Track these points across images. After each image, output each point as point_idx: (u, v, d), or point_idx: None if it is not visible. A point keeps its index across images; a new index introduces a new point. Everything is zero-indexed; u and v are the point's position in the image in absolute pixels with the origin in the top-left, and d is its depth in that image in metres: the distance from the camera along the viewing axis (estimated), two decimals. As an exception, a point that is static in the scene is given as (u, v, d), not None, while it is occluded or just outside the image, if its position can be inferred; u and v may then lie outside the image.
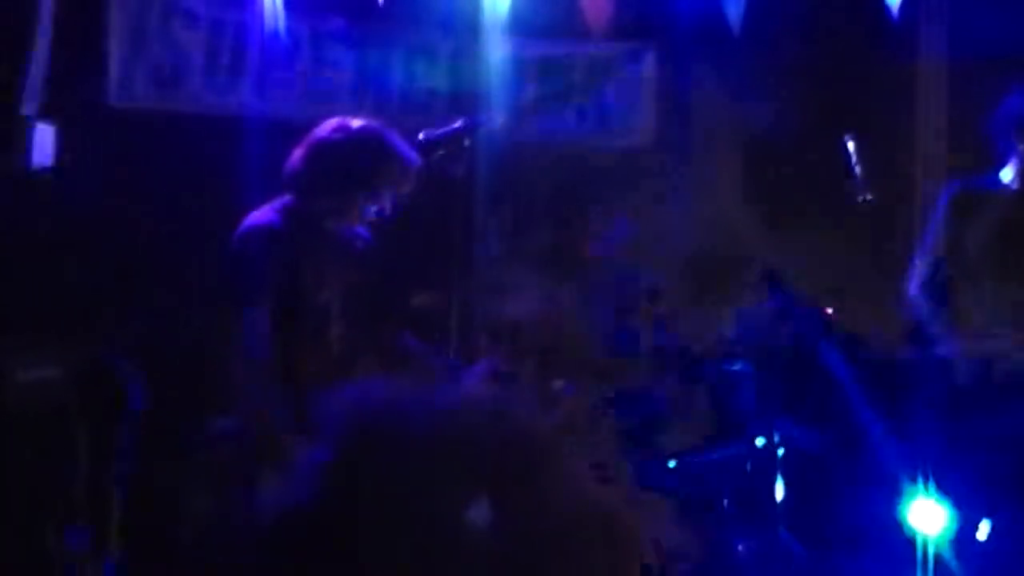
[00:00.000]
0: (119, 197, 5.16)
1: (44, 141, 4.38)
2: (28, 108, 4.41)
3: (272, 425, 3.55)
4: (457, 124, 3.68)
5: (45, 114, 4.49)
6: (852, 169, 4.17)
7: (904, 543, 4.17)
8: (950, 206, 4.19)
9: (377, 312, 3.85)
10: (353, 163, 3.68)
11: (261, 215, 3.72)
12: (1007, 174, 4.16)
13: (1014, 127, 4.10)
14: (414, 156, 3.73)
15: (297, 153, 3.78)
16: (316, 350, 3.68)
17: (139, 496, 3.94)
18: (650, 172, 5.92)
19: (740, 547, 4.24)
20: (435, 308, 3.81)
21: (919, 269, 4.23)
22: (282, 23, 5.56)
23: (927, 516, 4.09)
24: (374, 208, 3.76)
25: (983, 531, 3.99)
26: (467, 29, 5.47)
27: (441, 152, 3.81)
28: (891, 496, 4.31)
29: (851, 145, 4.16)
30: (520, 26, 5.52)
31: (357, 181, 3.70)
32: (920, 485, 4.10)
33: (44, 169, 4.39)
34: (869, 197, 4.18)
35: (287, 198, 3.77)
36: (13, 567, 3.78)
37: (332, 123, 3.78)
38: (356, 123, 3.76)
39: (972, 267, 4.12)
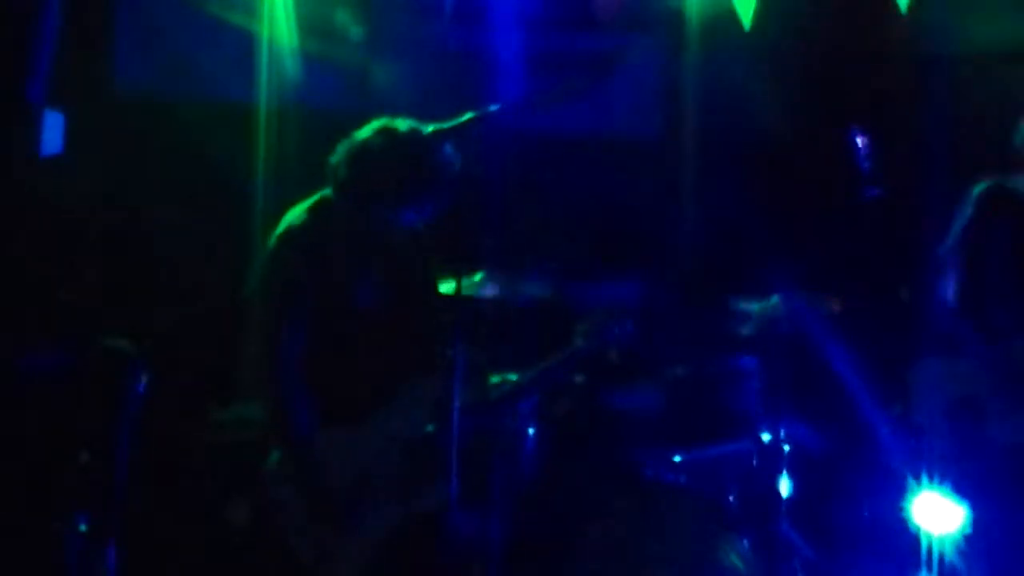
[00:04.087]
0: (126, 184, 5.18)
1: (52, 128, 4.39)
2: (36, 95, 4.41)
3: (294, 425, 3.57)
4: (465, 117, 3.66)
5: (53, 101, 4.50)
6: (860, 164, 4.15)
7: (910, 541, 4.16)
8: (979, 205, 4.15)
9: (418, 309, 3.84)
10: (395, 168, 3.67)
11: (297, 216, 3.72)
12: None
13: None
14: (458, 161, 3.72)
15: (340, 151, 3.76)
16: (349, 349, 3.69)
17: (143, 482, 3.96)
18: (656, 165, 5.93)
19: (745, 543, 4.23)
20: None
21: (951, 273, 4.18)
22: (290, 13, 5.57)
23: (933, 513, 4.09)
24: (415, 211, 3.75)
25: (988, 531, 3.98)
26: (475, 22, 5.47)
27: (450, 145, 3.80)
28: (897, 493, 4.30)
29: (860, 140, 4.15)
30: (527, 19, 5.52)
31: (399, 186, 3.69)
32: (926, 482, 4.09)
33: (52, 156, 4.40)
34: (876, 191, 4.17)
35: (326, 194, 3.77)
36: (18, 553, 3.79)
37: (378, 125, 3.76)
38: (402, 126, 3.74)
39: (992, 271, 4.09)
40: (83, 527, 3.64)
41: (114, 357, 3.91)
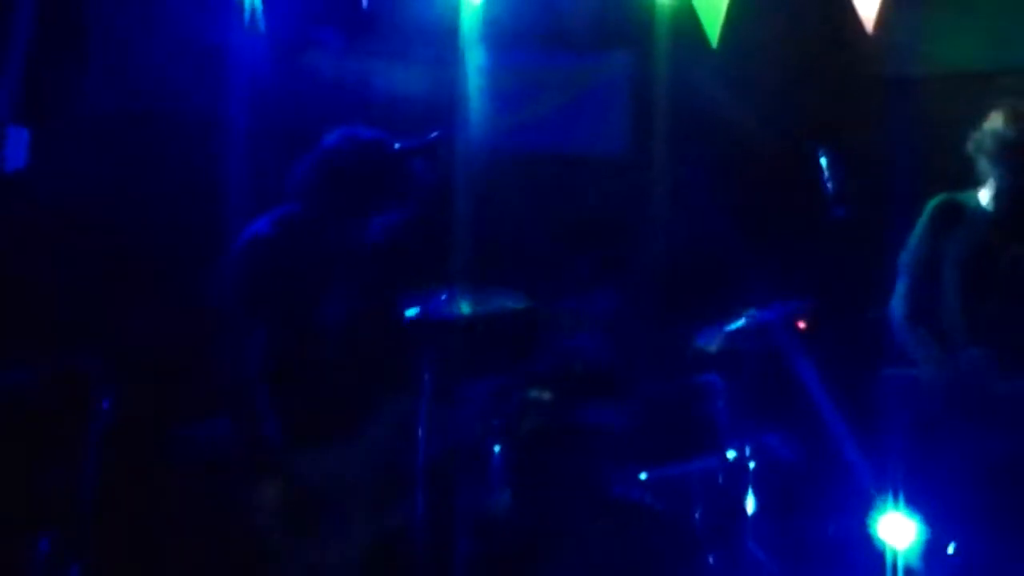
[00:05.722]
0: (94, 200, 5.15)
1: (17, 144, 4.37)
2: (1, 111, 4.40)
3: (261, 435, 3.56)
4: (433, 135, 3.68)
5: (19, 116, 4.48)
6: (825, 182, 4.19)
7: (874, 556, 4.18)
8: (930, 219, 4.23)
9: (387, 315, 3.86)
10: (359, 175, 3.68)
11: (258, 227, 3.72)
12: (984, 196, 4.20)
13: (991, 148, 4.13)
14: (422, 167, 3.74)
15: (304, 161, 3.77)
16: (316, 366, 3.68)
17: (110, 500, 3.94)
18: (626, 181, 5.95)
19: (711, 560, 4.26)
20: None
21: (901, 283, 4.25)
22: (263, 29, 5.57)
23: (897, 529, 4.11)
24: (380, 217, 3.77)
25: (951, 546, 4.01)
26: (447, 38, 5.48)
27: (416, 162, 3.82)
28: (861, 509, 4.33)
29: (824, 159, 4.19)
30: (498, 35, 5.54)
31: (363, 191, 3.71)
32: (890, 498, 4.11)
33: (17, 172, 4.38)
34: (843, 210, 4.20)
35: (291, 206, 3.77)
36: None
37: (340, 132, 3.78)
38: (365, 134, 3.76)
39: (945, 284, 4.15)
40: (47, 546, 3.61)
41: (80, 374, 3.89)
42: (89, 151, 5.25)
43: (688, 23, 5.20)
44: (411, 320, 3.97)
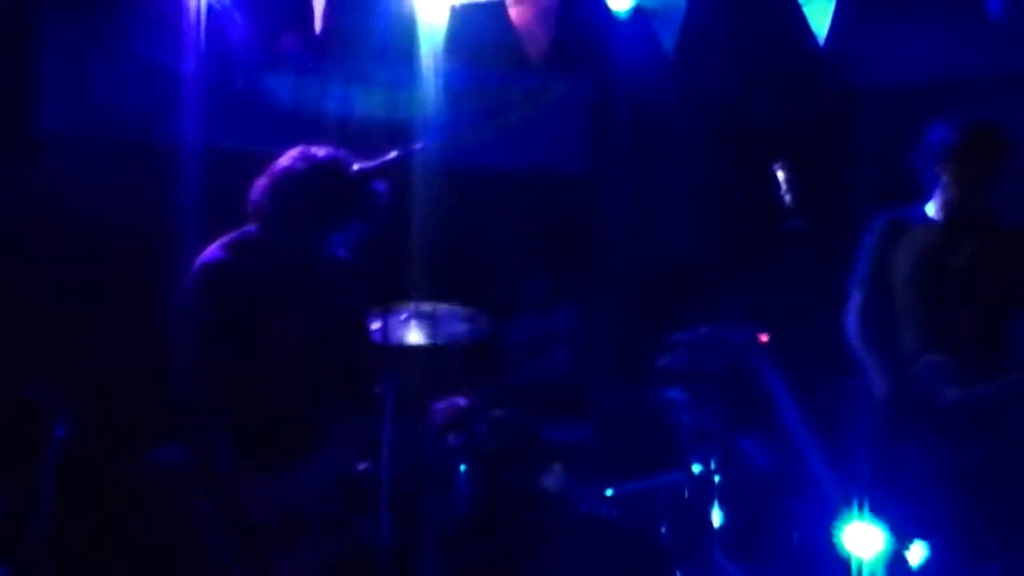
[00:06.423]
0: (49, 224, 5.12)
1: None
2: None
3: (215, 460, 3.53)
4: (391, 155, 3.67)
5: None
6: (781, 197, 4.22)
7: (839, 566, 4.20)
8: (878, 235, 4.29)
9: (348, 335, 3.83)
10: (317, 193, 3.66)
11: (212, 252, 3.68)
12: (931, 207, 4.25)
13: (936, 158, 4.19)
14: (380, 186, 3.72)
15: (260, 183, 3.74)
16: (276, 388, 3.66)
17: (63, 528, 3.89)
18: (584, 199, 5.98)
19: (678, 574, 4.26)
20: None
21: (854, 299, 4.30)
22: (220, 51, 5.56)
23: (862, 539, 4.13)
24: (340, 238, 3.75)
25: (915, 554, 4.03)
26: (404, 57, 5.49)
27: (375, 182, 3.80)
28: (827, 518, 4.35)
29: (780, 173, 4.22)
30: (456, 54, 5.55)
31: (322, 211, 3.68)
32: (855, 508, 4.14)
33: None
34: (799, 222, 4.23)
35: (249, 228, 3.74)
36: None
37: (296, 152, 3.75)
38: (320, 152, 3.74)
39: (897, 297, 4.20)
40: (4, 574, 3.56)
41: (32, 403, 3.85)
42: (43, 174, 5.21)
43: (645, 39, 5.24)
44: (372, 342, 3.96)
